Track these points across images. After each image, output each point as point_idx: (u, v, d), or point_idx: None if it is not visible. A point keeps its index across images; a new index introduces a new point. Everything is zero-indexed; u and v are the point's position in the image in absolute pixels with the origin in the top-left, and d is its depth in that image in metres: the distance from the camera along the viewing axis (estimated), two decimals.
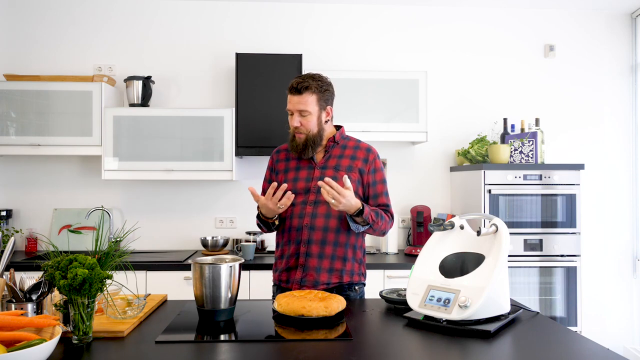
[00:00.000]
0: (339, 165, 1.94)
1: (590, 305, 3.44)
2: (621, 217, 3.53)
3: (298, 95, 1.87)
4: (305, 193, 1.91)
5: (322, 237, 1.88)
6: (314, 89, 1.87)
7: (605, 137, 3.55)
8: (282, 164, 2.02)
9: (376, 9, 3.51)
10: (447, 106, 3.52)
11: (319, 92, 1.89)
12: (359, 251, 1.97)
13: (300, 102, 1.87)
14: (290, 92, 1.89)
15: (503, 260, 1.45)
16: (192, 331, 1.41)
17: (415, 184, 3.51)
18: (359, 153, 1.97)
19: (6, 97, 3.03)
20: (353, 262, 1.94)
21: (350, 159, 1.96)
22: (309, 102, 1.87)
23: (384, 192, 1.98)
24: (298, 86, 1.86)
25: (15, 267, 2.68)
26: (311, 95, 1.87)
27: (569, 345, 1.30)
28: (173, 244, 3.40)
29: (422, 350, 1.30)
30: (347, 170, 1.92)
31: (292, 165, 1.99)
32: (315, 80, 1.89)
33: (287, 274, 1.92)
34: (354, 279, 1.93)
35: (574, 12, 3.57)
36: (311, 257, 1.87)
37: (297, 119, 1.89)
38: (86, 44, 3.40)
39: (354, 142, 2.02)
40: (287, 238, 1.94)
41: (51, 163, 3.37)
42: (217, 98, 3.44)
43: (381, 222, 1.89)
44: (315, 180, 1.92)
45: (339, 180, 1.87)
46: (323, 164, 1.95)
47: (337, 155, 1.97)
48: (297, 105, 1.87)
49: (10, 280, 1.38)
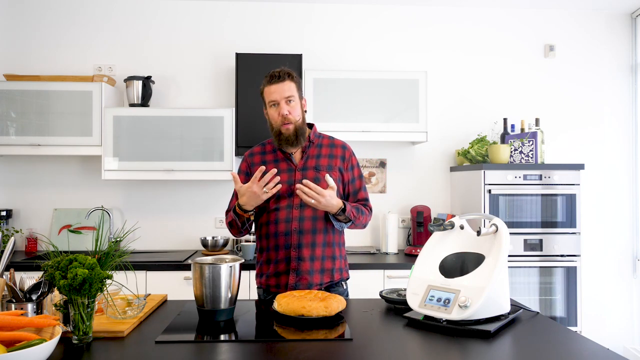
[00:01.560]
0: (319, 166, 1.94)
1: (590, 305, 3.44)
2: (621, 217, 3.53)
3: (281, 83, 1.88)
4: (289, 196, 1.90)
5: (312, 239, 1.88)
6: (293, 76, 1.91)
7: (605, 137, 3.55)
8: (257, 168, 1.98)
9: (376, 9, 3.51)
10: (447, 106, 3.52)
11: (296, 81, 1.93)
12: (343, 248, 2.02)
13: (285, 89, 1.88)
14: (272, 82, 1.89)
15: (503, 260, 1.45)
16: (192, 331, 1.41)
17: (415, 184, 3.52)
18: (336, 151, 1.99)
19: (6, 97, 3.03)
20: (340, 259, 1.97)
21: (328, 158, 1.96)
22: (292, 88, 1.89)
23: (362, 187, 2.02)
24: (279, 74, 1.88)
25: (15, 267, 2.68)
26: (292, 82, 1.90)
27: (569, 345, 1.30)
28: (173, 244, 3.40)
29: (422, 350, 1.30)
30: (327, 170, 1.93)
31: (269, 168, 1.95)
32: (290, 70, 1.93)
33: (276, 279, 1.91)
34: (343, 275, 1.98)
35: (574, 12, 3.57)
36: (303, 261, 1.87)
37: (285, 107, 1.88)
38: (86, 44, 3.40)
39: (328, 140, 2.02)
40: (274, 243, 1.91)
41: (51, 163, 3.37)
42: (217, 98, 3.44)
43: (362, 217, 1.94)
44: (297, 183, 1.88)
45: (322, 180, 1.87)
46: (303, 165, 1.94)
47: (315, 155, 1.96)
48: (283, 93, 1.87)
49: (10, 280, 1.38)
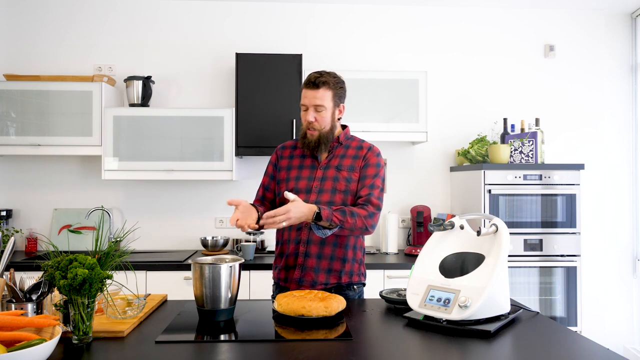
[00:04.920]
0: (341, 165, 1.93)
1: (590, 305, 3.44)
2: (621, 217, 3.53)
3: (315, 90, 1.87)
4: (306, 192, 1.91)
5: (322, 237, 1.87)
6: (331, 84, 1.88)
7: (605, 137, 3.55)
8: (285, 161, 2.01)
9: (376, 9, 3.51)
10: (447, 106, 3.52)
11: (335, 88, 1.90)
12: (359, 251, 1.96)
13: (317, 96, 1.87)
14: (307, 86, 1.89)
15: (503, 260, 1.45)
16: (192, 331, 1.41)
17: (415, 184, 3.51)
18: (361, 152, 1.97)
19: (6, 97, 3.03)
20: (353, 262, 1.93)
21: (352, 158, 1.95)
22: (325, 97, 1.87)
23: (369, 184, 1.88)
24: (316, 81, 1.86)
25: (15, 267, 2.67)
26: (327, 91, 1.87)
27: (569, 345, 1.30)
28: (173, 244, 3.40)
29: (422, 350, 1.30)
30: (348, 170, 1.92)
31: (295, 163, 1.99)
32: (332, 76, 1.90)
33: (285, 273, 1.92)
34: (353, 279, 1.92)
35: (573, 12, 3.57)
36: (310, 258, 1.87)
37: (312, 114, 1.88)
38: (86, 44, 3.40)
39: (357, 142, 2.01)
40: (287, 237, 1.94)
41: (51, 163, 3.37)
42: (217, 98, 3.44)
43: (352, 219, 1.77)
44: (317, 180, 1.92)
45: (340, 180, 1.88)
46: (326, 164, 1.95)
47: (340, 155, 1.97)
48: (314, 100, 1.87)
49: (10, 280, 1.38)
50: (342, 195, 1.89)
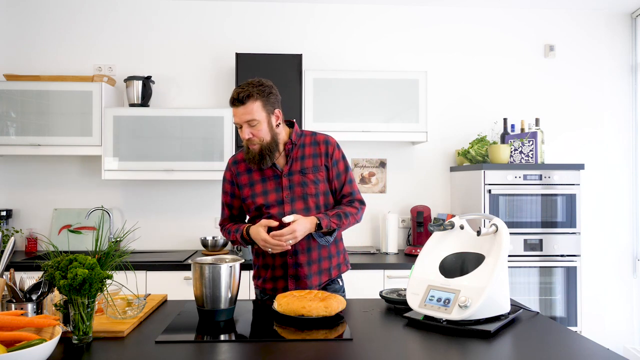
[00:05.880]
0: (305, 169, 1.89)
1: (590, 305, 3.44)
2: (621, 217, 3.53)
3: (242, 106, 1.77)
4: (279, 205, 1.86)
5: (307, 245, 1.87)
6: (256, 95, 1.77)
7: (605, 137, 3.55)
8: (244, 177, 1.92)
9: (376, 9, 3.51)
10: (447, 106, 3.52)
11: (262, 97, 1.78)
12: (340, 243, 2.01)
13: (246, 112, 1.77)
14: (233, 104, 1.79)
15: (503, 260, 1.45)
16: (192, 331, 1.41)
17: (415, 184, 3.51)
18: (319, 149, 1.92)
19: (6, 97, 3.03)
20: (338, 255, 1.97)
21: (312, 157, 1.90)
22: (254, 110, 1.77)
23: (347, 180, 1.94)
24: (239, 96, 1.76)
25: (15, 267, 2.67)
26: (255, 102, 1.77)
27: (569, 345, 1.30)
28: (173, 244, 3.40)
29: (422, 350, 1.30)
30: (313, 172, 1.88)
31: (255, 177, 1.90)
32: (256, 86, 1.79)
33: (272, 283, 1.91)
34: (342, 269, 1.99)
35: (573, 12, 3.57)
36: (301, 267, 1.87)
37: (247, 131, 1.79)
38: (86, 44, 3.40)
39: (310, 138, 1.94)
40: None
41: (51, 163, 3.37)
42: (217, 98, 3.44)
43: (347, 219, 1.86)
44: (285, 189, 1.87)
45: (309, 184, 1.86)
46: (288, 171, 1.88)
47: (299, 157, 1.90)
48: (243, 117, 1.77)
49: (10, 280, 1.38)
50: (314, 198, 1.87)
